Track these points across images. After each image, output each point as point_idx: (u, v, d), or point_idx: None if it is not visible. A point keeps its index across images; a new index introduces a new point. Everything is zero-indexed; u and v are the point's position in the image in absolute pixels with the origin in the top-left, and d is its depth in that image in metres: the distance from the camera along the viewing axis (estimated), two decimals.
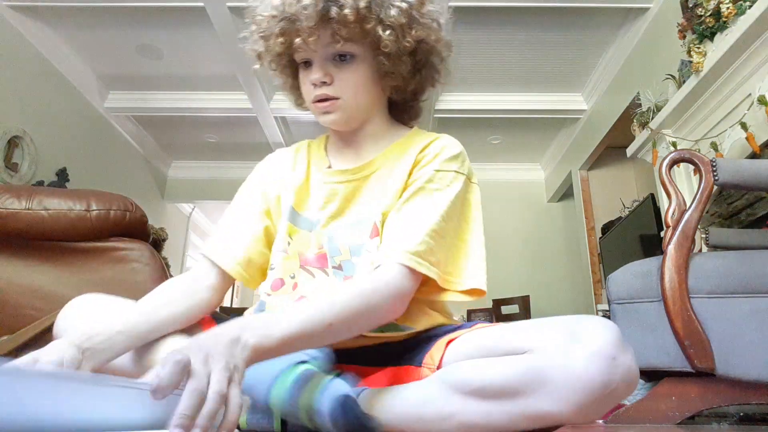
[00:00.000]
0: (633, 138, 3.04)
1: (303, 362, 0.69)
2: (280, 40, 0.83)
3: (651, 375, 1.44)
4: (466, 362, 0.70)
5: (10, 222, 1.40)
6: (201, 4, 3.20)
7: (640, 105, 3.14)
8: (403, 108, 0.99)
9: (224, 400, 0.50)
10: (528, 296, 4.57)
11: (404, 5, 0.82)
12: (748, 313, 1.24)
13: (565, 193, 5.20)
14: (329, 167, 0.94)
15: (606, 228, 4.12)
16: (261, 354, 0.60)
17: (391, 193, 0.86)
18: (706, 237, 1.42)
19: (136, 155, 5.07)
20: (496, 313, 4.62)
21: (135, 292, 1.49)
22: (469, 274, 0.83)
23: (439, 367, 0.74)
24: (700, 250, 1.81)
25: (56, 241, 1.46)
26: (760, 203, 2.25)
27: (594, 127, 4.25)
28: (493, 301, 4.70)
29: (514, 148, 5.21)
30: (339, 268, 0.86)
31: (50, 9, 3.38)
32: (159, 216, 5.39)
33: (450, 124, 4.68)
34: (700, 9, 2.37)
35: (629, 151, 3.10)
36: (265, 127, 4.57)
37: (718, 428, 1.18)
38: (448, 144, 0.90)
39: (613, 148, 4.18)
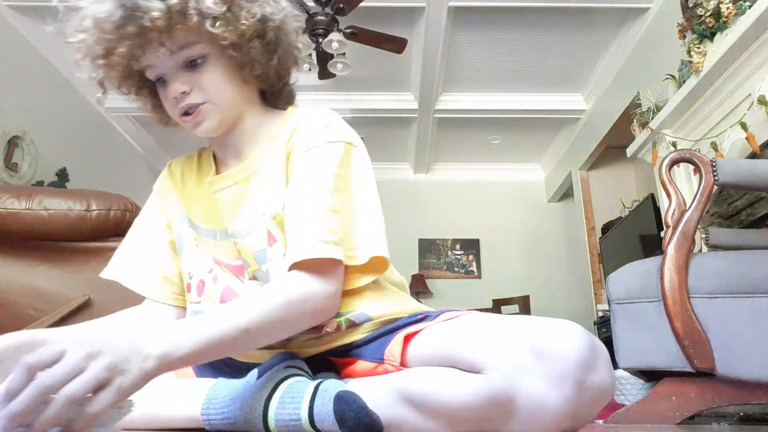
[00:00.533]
0: (633, 138, 3.04)
1: (285, 378, 0.67)
2: (102, 62, 0.76)
3: (651, 375, 1.44)
4: (421, 374, 0.64)
5: (10, 222, 1.40)
6: None
7: (640, 105, 3.14)
8: (273, 94, 0.91)
9: (73, 405, 0.48)
10: (528, 296, 4.57)
11: None
12: (748, 313, 1.24)
13: (565, 193, 5.21)
14: (215, 173, 0.89)
15: (606, 228, 4.12)
16: (168, 364, 0.57)
17: (277, 193, 0.80)
18: (706, 237, 1.42)
19: (136, 155, 5.07)
20: (495, 313, 4.62)
21: (135, 291, 1.49)
22: (367, 243, 0.75)
23: (402, 364, 0.70)
24: (700, 250, 1.81)
25: (56, 241, 1.46)
26: (760, 203, 2.25)
27: (594, 127, 4.25)
28: (493, 301, 4.70)
29: (514, 148, 5.21)
30: (255, 278, 0.82)
31: (50, 9, 3.37)
32: None
33: (450, 124, 4.68)
34: (700, 9, 2.37)
35: (629, 151, 3.10)
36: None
37: (718, 428, 1.18)
38: (311, 120, 0.82)
39: (613, 148, 4.18)
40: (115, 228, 1.47)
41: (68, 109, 4.00)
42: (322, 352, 0.78)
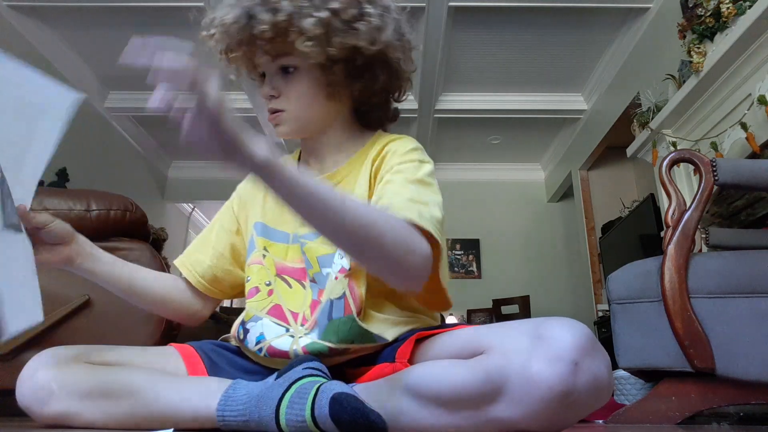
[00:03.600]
0: (633, 138, 3.04)
1: (299, 378, 0.69)
2: (224, 56, 0.87)
3: (651, 375, 1.44)
4: (422, 365, 0.68)
5: None
6: (201, 3, 3.20)
7: (640, 105, 3.14)
8: (369, 114, 0.98)
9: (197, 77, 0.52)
10: (528, 296, 4.58)
11: (323, 14, 0.80)
12: (748, 313, 1.24)
13: (565, 193, 5.21)
14: None
15: (606, 228, 4.12)
16: (268, 166, 0.57)
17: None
18: (706, 237, 1.42)
19: (136, 155, 5.07)
20: (496, 312, 4.62)
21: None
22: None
23: (411, 362, 0.74)
24: (700, 250, 1.81)
25: None
26: (760, 203, 2.25)
27: (594, 127, 4.25)
28: (493, 301, 4.71)
29: (514, 148, 5.21)
30: (314, 281, 0.87)
31: (50, 9, 3.38)
32: (159, 216, 5.39)
33: (450, 124, 4.68)
34: (700, 9, 2.37)
35: (629, 151, 3.10)
36: (265, 126, 4.56)
37: (718, 428, 1.18)
38: (405, 141, 0.90)
39: (613, 148, 4.18)
40: (115, 228, 1.47)
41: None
42: (339, 363, 0.83)
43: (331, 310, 0.82)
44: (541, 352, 0.57)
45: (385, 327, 0.83)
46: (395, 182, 0.80)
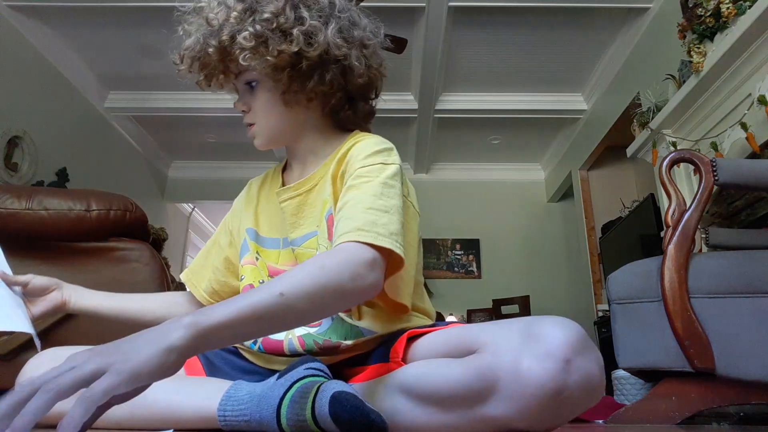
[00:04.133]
0: (633, 138, 3.04)
1: (301, 378, 0.69)
2: (198, 76, 0.92)
3: (651, 375, 1.44)
4: (415, 364, 0.69)
5: (10, 222, 1.40)
6: (202, 4, 3.19)
7: (640, 105, 3.14)
8: (336, 116, 0.98)
9: (59, 398, 0.46)
10: (528, 296, 4.58)
11: (256, 27, 0.82)
12: (748, 313, 1.24)
13: (565, 193, 5.20)
14: (282, 185, 0.99)
15: (606, 228, 4.12)
16: (199, 334, 0.54)
17: (324, 207, 0.89)
18: (706, 237, 1.42)
19: (136, 155, 5.07)
20: (495, 313, 4.62)
21: (135, 292, 1.48)
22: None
23: (404, 361, 0.74)
24: (700, 250, 1.81)
25: (56, 241, 1.46)
26: (760, 203, 2.25)
27: (594, 127, 4.25)
28: (493, 301, 4.71)
29: (514, 148, 5.21)
30: None
31: (50, 9, 3.38)
32: (159, 216, 5.39)
33: (450, 124, 4.68)
34: (700, 9, 2.37)
35: (629, 151, 3.10)
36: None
37: (718, 428, 1.18)
38: (369, 143, 0.89)
39: (613, 148, 4.18)
40: (115, 228, 1.47)
41: (68, 109, 4.01)
42: (336, 363, 0.84)
43: None
44: (532, 349, 0.58)
45: (375, 323, 0.85)
46: (355, 188, 0.81)
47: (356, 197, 0.79)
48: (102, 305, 0.97)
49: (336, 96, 0.93)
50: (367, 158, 0.85)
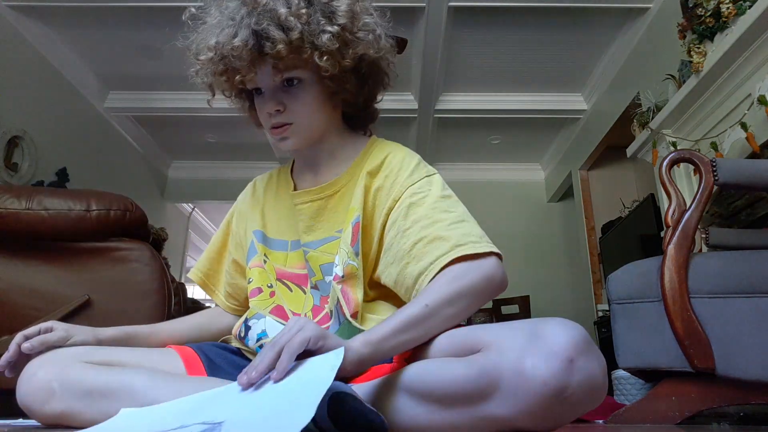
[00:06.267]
0: (633, 138, 3.04)
1: None
2: (224, 78, 0.87)
3: (651, 375, 1.44)
4: (418, 363, 0.70)
5: (10, 222, 1.40)
6: (201, 3, 3.19)
7: (640, 105, 3.14)
8: (357, 116, 1.01)
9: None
10: (528, 296, 4.57)
11: (336, 29, 0.83)
12: (748, 313, 1.24)
13: (565, 193, 5.20)
14: (294, 189, 0.99)
15: (606, 228, 4.12)
16: (375, 348, 0.68)
17: (350, 214, 0.90)
18: (706, 237, 1.42)
19: (136, 155, 5.06)
20: (496, 313, 4.62)
21: (135, 292, 1.49)
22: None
23: (408, 360, 0.75)
24: (700, 250, 1.81)
25: (56, 241, 1.46)
26: (760, 203, 2.25)
27: (594, 127, 4.25)
28: (493, 301, 4.70)
29: (514, 148, 5.21)
30: (316, 287, 0.91)
31: (50, 9, 3.38)
32: (159, 216, 5.39)
33: (450, 124, 4.68)
34: (700, 9, 2.37)
35: (629, 151, 3.10)
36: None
37: (718, 428, 1.18)
38: (404, 155, 0.92)
39: (613, 148, 4.17)
40: (115, 228, 1.47)
41: (68, 109, 4.00)
42: None
43: (338, 316, 0.86)
44: (536, 349, 0.58)
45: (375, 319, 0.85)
46: (417, 205, 0.85)
47: (432, 218, 0.83)
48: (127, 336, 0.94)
49: (374, 99, 0.96)
50: (413, 173, 0.88)
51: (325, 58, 0.83)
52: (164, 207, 5.67)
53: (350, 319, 0.84)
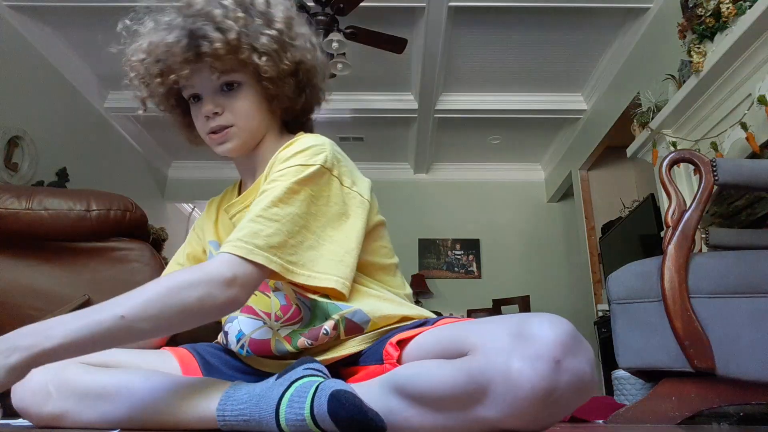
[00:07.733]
0: (633, 138, 3.04)
1: (299, 378, 0.69)
2: (158, 80, 0.87)
3: (651, 375, 1.44)
4: (409, 365, 0.69)
5: (10, 222, 1.40)
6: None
7: (640, 105, 3.14)
8: (295, 126, 1.01)
9: None
10: (528, 296, 4.58)
11: (274, 32, 0.85)
12: (748, 313, 1.24)
13: (565, 193, 5.20)
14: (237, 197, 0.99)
15: (606, 228, 4.12)
16: (38, 356, 0.61)
17: None
18: (706, 237, 1.42)
19: (136, 155, 5.06)
20: (496, 313, 4.63)
21: None
22: (320, 270, 0.79)
23: (399, 363, 0.75)
24: (700, 250, 1.81)
25: (56, 241, 1.46)
26: (760, 203, 2.25)
27: (594, 127, 4.25)
28: (493, 301, 4.71)
29: (514, 148, 5.21)
30: (278, 289, 0.90)
31: (50, 9, 3.38)
32: (159, 216, 5.39)
33: (450, 124, 4.68)
34: (700, 9, 2.37)
35: (629, 151, 3.10)
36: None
37: (718, 428, 1.18)
38: (296, 144, 0.87)
39: (613, 148, 4.18)
40: (115, 228, 1.47)
41: (68, 109, 4.00)
42: (331, 363, 0.84)
43: (305, 304, 0.86)
44: (521, 351, 0.57)
45: (354, 303, 0.84)
46: (263, 192, 0.81)
47: (255, 203, 0.80)
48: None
49: (312, 103, 0.97)
50: (288, 160, 0.83)
51: (264, 58, 0.84)
52: (164, 207, 5.67)
53: (313, 296, 0.84)
